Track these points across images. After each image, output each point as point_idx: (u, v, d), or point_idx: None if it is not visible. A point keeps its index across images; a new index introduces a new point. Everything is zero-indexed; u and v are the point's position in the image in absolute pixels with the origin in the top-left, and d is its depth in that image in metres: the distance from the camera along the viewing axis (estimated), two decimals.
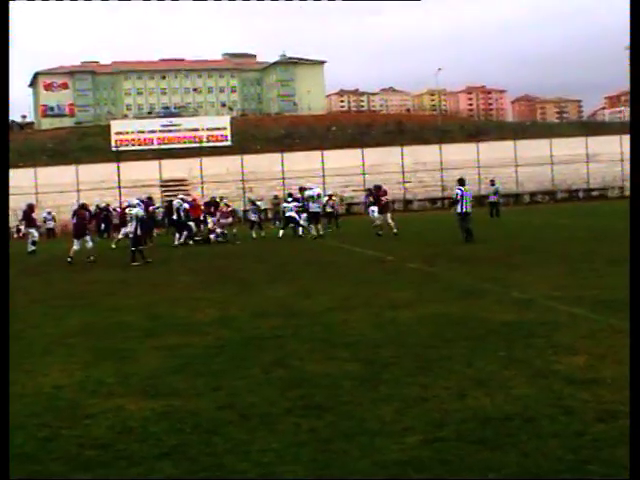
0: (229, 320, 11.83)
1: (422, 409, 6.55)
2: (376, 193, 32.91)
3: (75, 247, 25.81)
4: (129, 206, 26.55)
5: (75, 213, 27.33)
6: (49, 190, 58.11)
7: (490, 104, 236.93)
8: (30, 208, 35.27)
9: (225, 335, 10.55)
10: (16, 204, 39.38)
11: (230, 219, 34.57)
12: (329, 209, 37.89)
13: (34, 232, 33.86)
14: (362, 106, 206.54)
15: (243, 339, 10.20)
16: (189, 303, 14.04)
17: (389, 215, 30.88)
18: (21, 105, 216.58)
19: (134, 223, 24.49)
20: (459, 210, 24.98)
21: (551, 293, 12.60)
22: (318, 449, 5.67)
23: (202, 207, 36.15)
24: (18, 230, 48.19)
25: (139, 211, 24.77)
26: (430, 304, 12.23)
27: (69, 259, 25.25)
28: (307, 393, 7.23)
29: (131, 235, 24.70)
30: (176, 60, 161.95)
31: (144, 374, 8.37)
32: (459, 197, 25.25)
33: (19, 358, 9.64)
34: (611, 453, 5.25)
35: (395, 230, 29.57)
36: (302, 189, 35.78)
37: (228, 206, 34.87)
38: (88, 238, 26.39)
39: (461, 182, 26.24)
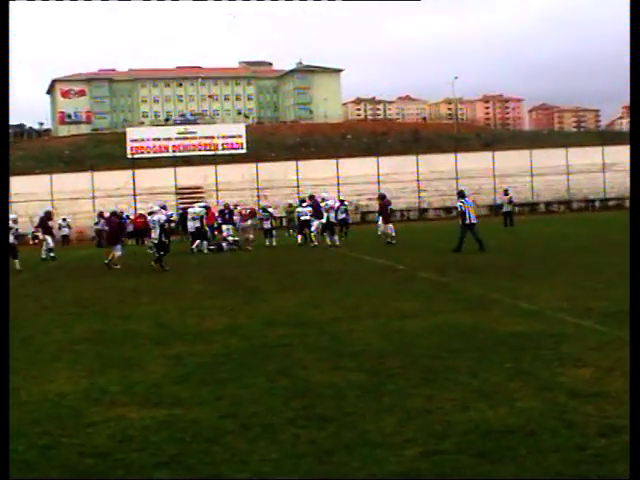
0: (237, 328, 11.82)
1: (424, 421, 6.51)
2: (380, 203, 32.97)
3: (117, 253, 26.22)
4: (151, 212, 26.73)
5: (108, 220, 27.75)
6: (64, 197, 58.27)
7: (507, 113, 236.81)
8: (47, 215, 35.37)
9: (232, 344, 10.54)
10: (33, 211, 39.60)
11: (250, 221, 34.79)
12: (341, 215, 37.73)
13: (49, 239, 33.95)
14: (378, 114, 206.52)
15: (250, 348, 10.20)
16: (198, 312, 14.04)
17: (390, 225, 31.17)
18: (39, 112, 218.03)
19: (157, 229, 24.80)
20: (467, 221, 25.10)
21: (560, 304, 12.53)
22: (318, 460, 5.65)
23: (216, 215, 36.24)
24: (34, 237, 48.27)
25: (161, 217, 25.07)
26: (439, 314, 12.19)
27: (107, 262, 25.79)
28: (310, 403, 7.21)
29: (155, 241, 24.95)
30: (193, 68, 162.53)
31: (149, 382, 8.37)
32: (465, 208, 25.39)
33: (27, 364, 9.71)
34: (611, 469, 5.20)
35: (389, 240, 30.16)
36: (322, 199, 35.74)
37: (246, 209, 35.14)
38: (119, 246, 26.59)
39: (461, 194, 26.41)
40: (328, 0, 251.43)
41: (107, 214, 29.15)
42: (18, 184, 60.51)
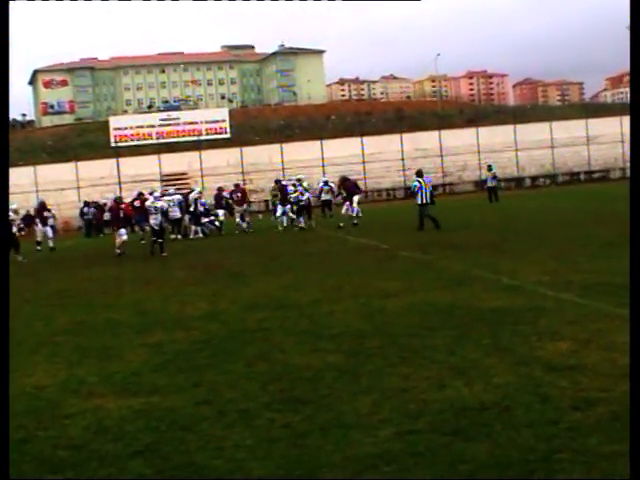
0: (218, 314, 11.78)
1: (400, 400, 6.50)
2: (344, 185, 32.77)
3: (123, 238, 26.47)
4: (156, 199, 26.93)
5: (110, 207, 28.16)
6: (49, 188, 58.03)
7: (491, 89, 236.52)
8: (42, 206, 35.26)
9: (212, 329, 10.52)
10: (19, 204, 39.29)
11: (245, 206, 34.92)
12: (326, 196, 37.55)
13: (48, 230, 33.93)
14: (363, 95, 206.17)
15: (229, 333, 10.18)
16: (180, 298, 13.99)
17: (355, 206, 31.36)
18: (21, 103, 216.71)
19: (159, 216, 25.21)
20: (419, 201, 25.35)
21: (540, 278, 12.53)
22: (292, 444, 5.64)
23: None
24: (20, 229, 48.25)
25: (163, 204, 25.72)
26: (419, 293, 12.18)
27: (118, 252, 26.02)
28: (287, 387, 7.20)
29: (156, 227, 25.19)
30: (175, 54, 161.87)
31: (127, 372, 8.34)
32: (417, 189, 25.57)
33: None
34: (583, 442, 5.19)
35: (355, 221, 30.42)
36: (298, 180, 35.59)
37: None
38: (123, 231, 26.62)
39: (419, 174, 26.71)
40: None
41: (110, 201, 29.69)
42: None
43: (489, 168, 45.75)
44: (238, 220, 34.35)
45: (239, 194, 35.37)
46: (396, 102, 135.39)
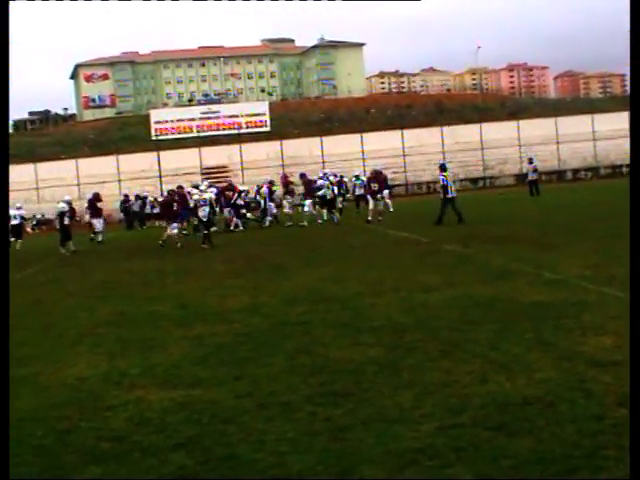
0: (258, 307, 11.82)
1: (442, 395, 6.46)
2: (377, 179, 32.43)
3: (173, 231, 26.92)
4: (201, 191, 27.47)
5: (164, 200, 28.91)
6: (90, 181, 58.46)
7: (532, 81, 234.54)
8: (96, 197, 35.55)
9: (253, 322, 10.54)
10: (60, 196, 39.58)
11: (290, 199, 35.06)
12: (359, 191, 37.46)
13: (98, 222, 34.23)
14: (403, 88, 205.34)
15: (270, 326, 10.19)
16: (221, 291, 14.05)
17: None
18: (63, 97, 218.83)
19: (207, 208, 25.70)
20: (449, 195, 25.20)
21: (583, 272, 12.42)
22: (333, 437, 5.63)
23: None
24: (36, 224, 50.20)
25: (212, 196, 26.61)
26: (460, 286, 12.11)
27: (161, 242, 26.48)
28: (328, 380, 7.19)
29: (204, 219, 25.61)
30: (215, 47, 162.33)
31: (168, 364, 8.38)
32: (444, 183, 25.50)
33: (48, 350, 9.78)
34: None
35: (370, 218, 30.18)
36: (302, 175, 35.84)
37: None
38: (175, 224, 26.99)
39: (443, 168, 26.49)
40: None
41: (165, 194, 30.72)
42: (44, 170, 61.02)
43: (530, 161, 45.37)
44: (287, 210, 34.43)
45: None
46: (436, 95, 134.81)
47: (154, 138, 73.80)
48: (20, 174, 55.89)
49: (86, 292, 15.73)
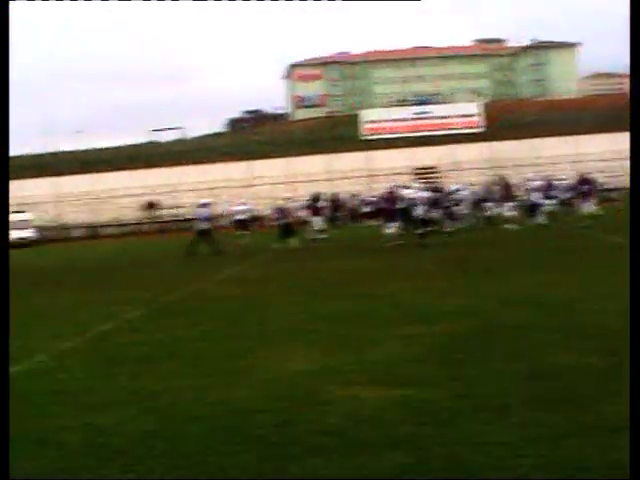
0: (471, 309, 11.69)
1: None
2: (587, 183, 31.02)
3: (389, 230, 27.72)
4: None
5: (385, 199, 29.84)
6: (301, 180, 59.76)
7: None
8: (315, 198, 37.05)
9: (467, 324, 10.42)
10: (269, 193, 40.78)
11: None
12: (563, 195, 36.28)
13: (318, 221, 35.23)
14: (620, 88, 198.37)
15: (485, 328, 10.05)
16: (433, 291, 14.00)
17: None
18: (274, 96, 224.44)
19: (421, 207, 26.08)
20: None
21: None
22: (552, 444, 5.46)
23: None
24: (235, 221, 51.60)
25: (430, 194, 27.22)
26: None
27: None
28: (545, 385, 7.01)
29: (423, 218, 26.24)
30: (425, 48, 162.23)
31: (383, 362, 8.41)
32: None
33: (265, 343, 10.01)
34: None
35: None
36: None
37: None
38: (392, 224, 27.66)
39: None
40: None
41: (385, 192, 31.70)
42: (257, 168, 62.87)
43: None
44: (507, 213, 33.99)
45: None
46: None
47: (362, 138, 74.57)
48: (234, 172, 57.81)
49: (305, 288, 16.05)
